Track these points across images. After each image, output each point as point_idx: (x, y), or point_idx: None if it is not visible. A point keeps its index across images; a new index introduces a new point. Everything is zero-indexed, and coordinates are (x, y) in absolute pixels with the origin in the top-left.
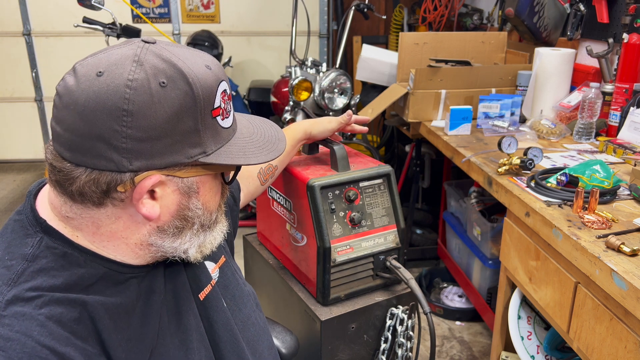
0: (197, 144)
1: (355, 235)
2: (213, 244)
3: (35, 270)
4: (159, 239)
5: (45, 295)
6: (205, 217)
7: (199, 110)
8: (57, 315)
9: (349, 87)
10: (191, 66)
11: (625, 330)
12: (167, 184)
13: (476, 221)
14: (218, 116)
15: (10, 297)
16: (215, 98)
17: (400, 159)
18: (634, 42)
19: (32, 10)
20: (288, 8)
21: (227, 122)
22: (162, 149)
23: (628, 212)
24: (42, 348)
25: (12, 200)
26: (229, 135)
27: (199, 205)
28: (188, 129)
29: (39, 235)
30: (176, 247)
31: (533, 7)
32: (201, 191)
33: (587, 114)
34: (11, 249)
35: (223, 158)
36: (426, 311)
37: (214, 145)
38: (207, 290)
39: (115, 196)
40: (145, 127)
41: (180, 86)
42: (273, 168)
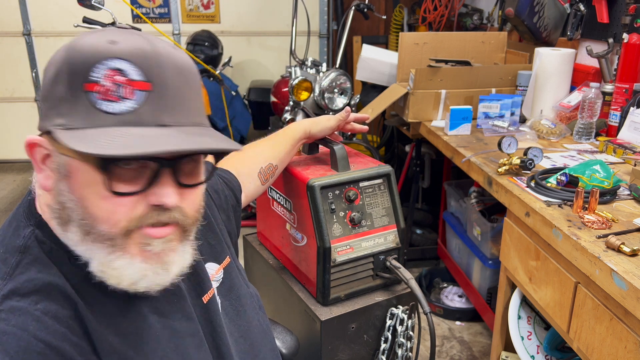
0: (63, 115)
1: (355, 235)
2: (130, 279)
3: (29, 262)
4: (54, 221)
5: (42, 290)
6: (83, 219)
7: (69, 78)
8: (53, 311)
9: (349, 87)
10: (88, 37)
11: (625, 330)
12: (52, 155)
13: (476, 221)
14: (93, 92)
15: (6, 292)
16: (93, 69)
17: (400, 159)
18: (634, 42)
19: (32, 10)
20: (288, 8)
21: (110, 107)
22: (45, 112)
23: (628, 212)
24: (37, 342)
25: (12, 200)
26: (111, 122)
27: (70, 195)
28: (60, 95)
29: (31, 228)
30: (71, 245)
31: (533, 7)
32: (73, 178)
33: (587, 114)
34: (6, 241)
35: (75, 140)
36: (426, 311)
37: (78, 122)
38: (211, 294)
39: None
40: (42, 86)
41: (63, 51)
42: (273, 167)
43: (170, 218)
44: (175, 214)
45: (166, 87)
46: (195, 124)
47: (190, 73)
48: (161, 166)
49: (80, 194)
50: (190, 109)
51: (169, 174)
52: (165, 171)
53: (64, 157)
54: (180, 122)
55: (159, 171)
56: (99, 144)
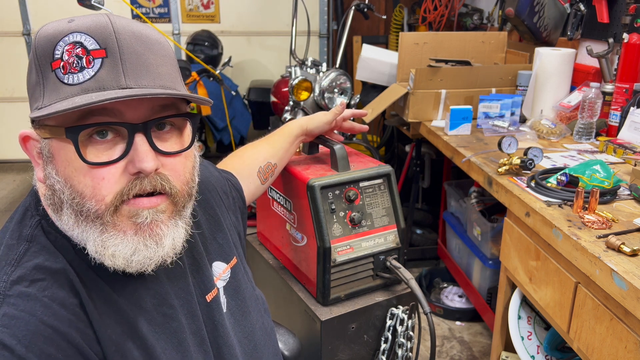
0: (37, 98)
1: (355, 235)
2: (124, 254)
3: (37, 250)
4: (50, 210)
5: (49, 278)
6: (73, 198)
7: (38, 62)
8: (60, 298)
9: (349, 87)
10: (50, 23)
11: (626, 330)
12: (40, 143)
13: (476, 221)
14: (57, 69)
15: (15, 278)
16: (55, 48)
17: (400, 159)
18: (634, 42)
19: (32, 10)
20: (288, 8)
21: (72, 78)
22: (30, 104)
23: (628, 212)
24: (45, 327)
25: (12, 200)
26: (74, 92)
27: (57, 177)
28: (34, 81)
29: (38, 218)
30: (67, 229)
31: (533, 7)
32: (56, 158)
33: (587, 114)
34: (13, 228)
35: (40, 113)
36: (426, 311)
37: (48, 99)
38: (214, 293)
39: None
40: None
41: (32, 44)
42: (272, 166)
43: (154, 185)
44: (160, 181)
45: (122, 52)
46: (162, 86)
47: (155, 42)
48: (133, 131)
49: (65, 174)
50: (157, 75)
51: (142, 139)
52: (138, 137)
53: (46, 141)
54: (144, 85)
55: (133, 138)
56: (54, 109)
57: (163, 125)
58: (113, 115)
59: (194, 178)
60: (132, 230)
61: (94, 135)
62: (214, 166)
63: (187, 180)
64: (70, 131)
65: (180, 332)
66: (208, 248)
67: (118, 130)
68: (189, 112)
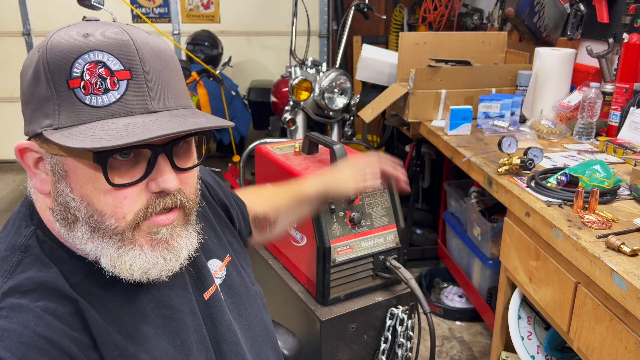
0: (49, 115)
1: (355, 235)
2: (142, 268)
3: (30, 261)
4: (58, 224)
5: (40, 289)
6: (91, 215)
7: (50, 76)
8: (52, 308)
9: (349, 87)
10: (60, 34)
11: (626, 330)
12: (44, 157)
13: (476, 221)
14: (77, 88)
15: (6, 289)
16: (74, 66)
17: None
18: (634, 42)
19: (32, 10)
20: (288, 8)
21: (96, 100)
22: (30, 115)
23: (628, 212)
24: (39, 338)
25: (12, 200)
26: (99, 115)
27: (72, 195)
28: (42, 96)
29: (32, 227)
30: (78, 243)
31: (533, 7)
32: (71, 177)
33: (587, 114)
34: (8, 239)
35: (65, 137)
36: (426, 311)
37: (66, 120)
38: (212, 290)
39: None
40: (22, 90)
41: (38, 52)
42: (268, 220)
43: (174, 202)
44: (179, 197)
45: (146, 73)
46: (182, 106)
47: (169, 57)
48: (156, 152)
49: (82, 192)
50: (176, 93)
51: (164, 159)
52: (161, 157)
53: (57, 157)
54: (168, 106)
55: (155, 158)
56: (92, 139)
57: (178, 142)
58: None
59: (198, 184)
60: (149, 244)
61: (116, 155)
62: (214, 177)
63: (196, 189)
64: (100, 157)
65: (181, 331)
66: (203, 246)
67: (140, 150)
68: (204, 131)
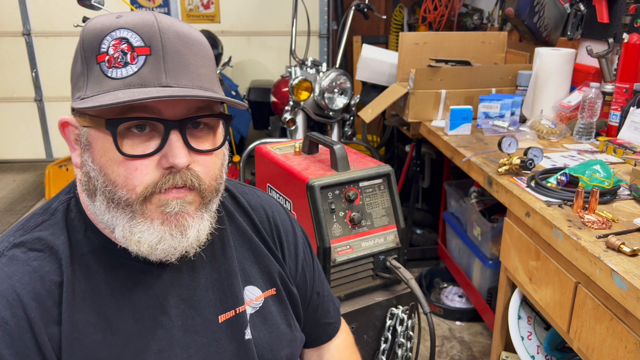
0: (80, 88)
1: (355, 235)
2: (149, 242)
3: (50, 224)
4: (84, 194)
5: (44, 250)
6: (106, 186)
7: (84, 53)
8: (43, 271)
9: (349, 87)
10: (99, 17)
11: (626, 331)
12: (78, 130)
13: (476, 221)
14: (102, 62)
15: (17, 242)
16: (102, 42)
17: (400, 159)
18: (634, 42)
19: (32, 10)
20: (288, 8)
21: (116, 72)
22: (71, 92)
23: (628, 212)
24: (12, 292)
25: (12, 200)
26: (116, 86)
27: (92, 165)
28: (78, 72)
29: (70, 196)
30: (99, 214)
31: (533, 7)
32: (93, 147)
33: (587, 114)
34: (50, 201)
35: (79, 102)
36: (426, 311)
37: (91, 91)
38: (230, 315)
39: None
40: (70, 73)
41: (80, 36)
42: None
43: (184, 180)
44: (190, 177)
45: (165, 51)
46: (201, 87)
47: (196, 42)
48: (169, 127)
49: (100, 162)
50: (195, 75)
51: (177, 135)
52: (173, 133)
53: (85, 129)
54: (184, 84)
55: (168, 133)
56: (97, 101)
57: (198, 124)
58: (152, 112)
59: (222, 175)
60: (160, 219)
61: (132, 128)
62: (297, 224)
63: (216, 177)
64: (110, 123)
65: (164, 340)
66: (246, 269)
67: (155, 125)
68: (222, 113)
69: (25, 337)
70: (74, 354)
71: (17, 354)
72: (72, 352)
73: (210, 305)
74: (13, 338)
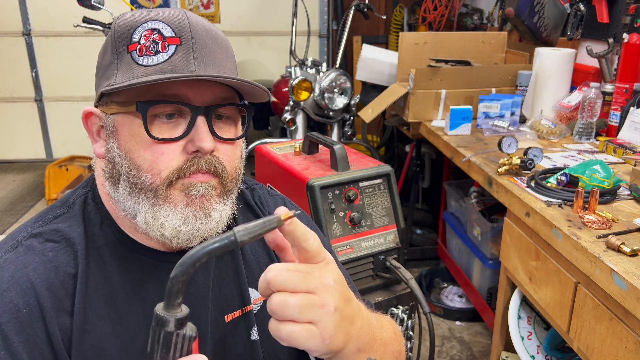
0: (110, 77)
1: (355, 235)
2: (173, 224)
3: (68, 216)
4: (107, 183)
5: (61, 241)
6: (130, 170)
7: (115, 44)
8: (59, 262)
9: (349, 87)
10: (131, 12)
11: (626, 330)
12: (103, 119)
13: (476, 221)
14: (134, 51)
15: (35, 232)
16: (134, 33)
17: (400, 159)
18: (634, 42)
19: (32, 10)
20: (288, 8)
21: (147, 60)
22: (97, 83)
23: (628, 212)
24: (27, 281)
25: (12, 200)
26: (148, 72)
27: (118, 150)
28: (107, 63)
29: (88, 189)
30: (121, 201)
31: (533, 7)
32: (119, 133)
33: (587, 114)
34: (69, 194)
35: (109, 86)
36: (426, 311)
37: (121, 78)
38: (236, 314)
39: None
40: (97, 66)
41: (111, 29)
42: None
43: (209, 165)
44: (214, 162)
45: (195, 42)
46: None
47: (221, 39)
48: (195, 112)
49: (126, 147)
50: (221, 66)
51: (203, 122)
52: (200, 119)
53: (112, 116)
54: (211, 73)
55: (195, 118)
56: (126, 83)
57: (220, 116)
58: (180, 99)
59: (241, 167)
60: (184, 202)
61: (161, 116)
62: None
63: (236, 167)
64: (142, 106)
65: None
66: (252, 270)
67: (183, 111)
68: (245, 104)
69: (36, 326)
70: (84, 344)
71: (26, 341)
72: (82, 343)
73: (217, 304)
74: (24, 326)
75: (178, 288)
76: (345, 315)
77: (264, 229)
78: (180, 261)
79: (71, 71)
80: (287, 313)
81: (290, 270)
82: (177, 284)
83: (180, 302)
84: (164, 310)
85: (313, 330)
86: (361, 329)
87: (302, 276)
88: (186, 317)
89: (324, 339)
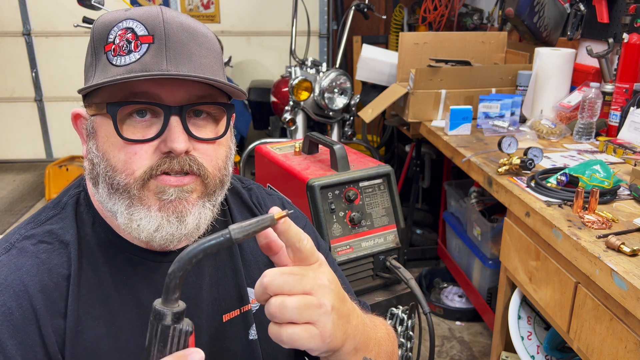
0: (89, 78)
1: (355, 235)
2: (147, 229)
3: (61, 218)
4: (90, 183)
5: (54, 243)
6: (107, 171)
7: (94, 45)
8: (53, 264)
9: (349, 87)
10: (110, 12)
11: (625, 330)
12: (89, 121)
13: (476, 221)
14: (109, 51)
15: (29, 234)
16: (110, 33)
17: (400, 159)
18: (634, 42)
19: (32, 10)
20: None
21: (120, 60)
22: (84, 83)
23: (628, 212)
24: (20, 283)
25: (12, 200)
26: (119, 72)
27: (96, 152)
28: (88, 64)
29: (79, 190)
30: (102, 201)
31: (533, 7)
32: (98, 134)
33: (587, 114)
34: (61, 195)
35: (84, 88)
36: (426, 311)
37: (97, 79)
38: (234, 314)
39: None
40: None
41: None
42: None
43: (182, 165)
44: (188, 162)
45: (168, 40)
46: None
47: (200, 35)
48: (169, 113)
49: (103, 148)
50: (198, 64)
51: (177, 122)
52: (173, 119)
53: (92, 118)
54: (185, 72)
55: (168, 118)
56: (97, 82)
57: (200, 113)
58: (152, 98)
59: (227, 167)
60: (157, 206)
61: (134, 114)
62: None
63: (219, 167)
64: (111, 107)
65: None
66: (250, 270)
67: (156, 111)
68: (223, 103)
69: (29, 329)
70: (78, 346)
71: (20, 344)
72: (76, 345)
73: (215, 304)
74: (17, 329)
75: (175, 283)
76: (342, 313)
77: (257, 227)
78: (178, 257)
79: (71, 71)
80: (286, 315)
81: (285, 273)
82: (175, 279)
83: (178, 297)
84: (162, 304)
85: (313, 331)
86: (357, 327)
87: (298, 278)
88: (183, 311)
89: (324, 337)
